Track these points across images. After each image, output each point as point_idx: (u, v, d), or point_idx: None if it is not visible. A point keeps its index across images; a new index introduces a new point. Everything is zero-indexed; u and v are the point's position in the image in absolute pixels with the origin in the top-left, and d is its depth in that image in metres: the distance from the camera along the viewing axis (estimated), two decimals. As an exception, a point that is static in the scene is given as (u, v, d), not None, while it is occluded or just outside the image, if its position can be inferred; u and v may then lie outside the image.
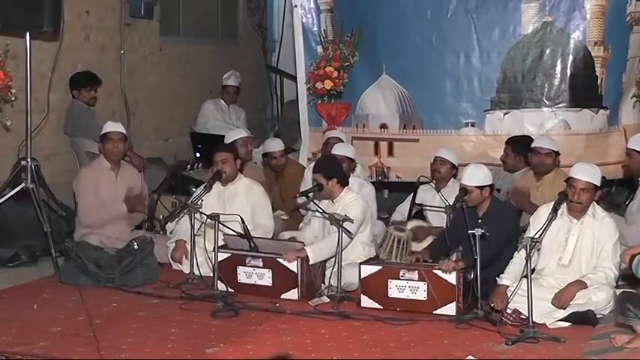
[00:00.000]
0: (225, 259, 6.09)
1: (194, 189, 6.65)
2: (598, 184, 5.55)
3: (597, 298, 5.38)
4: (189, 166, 8.83)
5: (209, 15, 11.14)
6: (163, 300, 5.97)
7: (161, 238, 7.03)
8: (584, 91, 7.74)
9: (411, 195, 7.26)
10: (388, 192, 8.83)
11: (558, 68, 7.75)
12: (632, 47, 7.69)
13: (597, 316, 5.38)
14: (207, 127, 9.46)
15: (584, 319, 5.37)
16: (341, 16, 8.36)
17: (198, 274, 6.24)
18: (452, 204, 6.18)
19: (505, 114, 7.89)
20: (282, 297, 5.98)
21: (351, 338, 5.22)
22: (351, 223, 5.96)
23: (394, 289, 5.74)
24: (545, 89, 7.79)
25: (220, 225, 6.05)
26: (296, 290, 5.97)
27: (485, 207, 5.98)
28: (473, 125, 7.96)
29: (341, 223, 5.87)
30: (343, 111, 8.34)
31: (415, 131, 8.13)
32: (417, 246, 6.57)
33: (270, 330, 5.36)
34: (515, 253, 5.60)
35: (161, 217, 7.45)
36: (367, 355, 4.97)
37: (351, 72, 8.29)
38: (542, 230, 5.29)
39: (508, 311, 5.41)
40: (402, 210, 7.31)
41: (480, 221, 5.81)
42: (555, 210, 5.45)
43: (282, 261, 5.98)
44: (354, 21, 8.24)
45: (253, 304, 5.82)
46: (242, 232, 6.00)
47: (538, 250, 5.46)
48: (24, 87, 6.58)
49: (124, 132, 6.90)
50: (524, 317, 5.30)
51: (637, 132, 6.86)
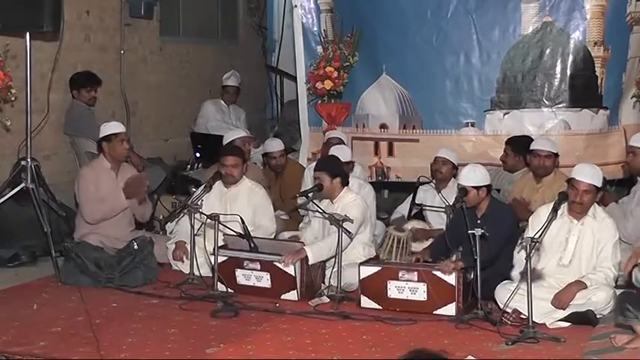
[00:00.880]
0: (223, 261, 6.06)
1: (194, 189, 6.65)
2: (600, 186, 5.56)
3: (597, 298, 5.38)
4: (189, 166, 8.84)
5: (209, 15, 11.14)
6: (163, 300, 5.97)
7: (161, 238, 7.03)
8: (584, 91, 7.74)
9: (411, 195, 7.27)
10: (388, 192, 8.84)
11: (558, 68, 7.75)
12: (632, 47, 7.69)
13: (597, 316, 5.38)
14: (207, 127, 9.46)
15: (584, 319, 5.37)
16: (341, 16, 8.36)
17: (198, 275, 6.24)
18: (452, 204, 6.18)
19: (505, 114, 7.89)
20: (282, 297, 5.98)
21: (351, 338, 5.22)
22: (351, 223, 5.95)
23: (393, 290, 5.73)
24: (545, 89, 7.79)
25: (220, 225, 6.04)
26: (295, 291, 5.96)
27: (483, 207, 5.97)
28: (473, 125, 7.96)
29: (341, 223, 5.86)
30: (343, 111, 8.34)
31: (415, 131, 8.13)
32: (417, 246, 6.58)
33: (270, 330, 5.36)
34: (515, 253, 5.60)
35: (161, 217, 7.46)
36: (367, 355, 4.96)
37: (351, 72, 8.29)
38: (542, 230, 5.29)
39: (508, 311, 5.41)
40: (402, 210, 7.32)
41: (479, 222, 5.80)
42: (555, 210, 5.45)
43: (279, 265, 5.97)
44: (354, 21, 8.24)
45: (253, 304, 5.81)
46: (242, 232, 6.00)
47: (538, 250, 5.46)
48: (24, 87, 6.57)
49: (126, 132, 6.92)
50: (524, 317, 5.30)
51: (637, 132, 6.85)
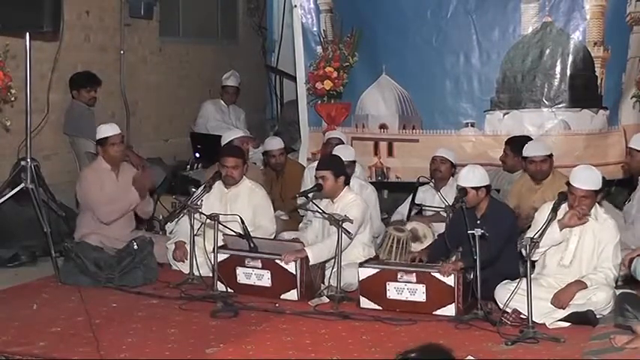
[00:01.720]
0: (224, 259, 6.07)
1: (194, 189, 6.64)
2: (598, 189, 5.53)
3: (597, 299, 5.38)
4: (188, 166, 8.84)
5: (209, 15, 11.14)
6: (163, 300, 5.97)
7: (161, 238, 7.03)
8: (584, 91, 7.74)
9: (411, 195, 7.27)
10: (388, 192, 8.83)
11: (558, 68, 7.74)
12: (632, 47, 7.69)
13: (597, 317, 5.37)
14: (207, 127, 9.46)
15: (584, 320, 5.36)
16: (341, 17, 8.35)
17: (198, 275, 6.23)
18: (451, 204, 6.18)
19: (505, 114, 7.89)
20: (282, 297, 5.98)
21: (350, 338, 5.22)
22: (351, 223, 5.95)
23: (393, 291, 5.73)
24: (545, 89, 7.78)
25: (220, 225, 6.04)
26: (295, 291, 5.96)
27: (483, 208, 5.97)
28: (473, 125, 7.95)
29: (340, 223, 5.86)
30: (343, 111, 8.34)
31: (415, 131, 8.13)
32: (417, 246, 6.58)
33: (270, 330, 5.36)
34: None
35: (161, 217, 7.46)
36: (367, 355, 4.96)
37: (351, 72, 8.28)
38: (541, 230, 5.29)
39: (508, 311, 5.41)
40: (403, 211, 7.32)
41: (479, 222, 5.80)
42: (555, 210, 5.45)
43: (280, 262, 5.97)
44: (354, 21, 8.23)
45: (253, 304, 5.81)
46: (242, 232, 6.00)
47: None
48: (24, 87, 6.57)
49: (121, 132, 6.90)
50: (524, 317, 5.29)
51: (637, 132, 6.85)
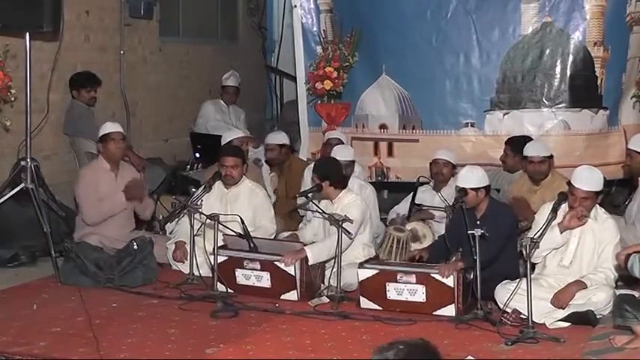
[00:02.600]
0: (223, 261, 6.05)
1: (194, 189, 6.64)
2: (599, 190, 5.52)
3: (597, 299, 5.38)
4: (188, 166, 8.83)
5: (209, 15, 11.14)
6: (163, 300, 5.97)
7: (161, 238, 7.02)
8: (584, 91, 7.73)
9: (410, 195, 7.26)
10: (388, 192, 8.83)
11: (558, 69, 7.74)
12: (632, 47, 7.68)
13: (597, 317, 5.37)
14: (207, 127, 9.46)
15: (584, 320, 5.36)
16: (341, 17, 8.35)
17: (198, 275, 6.23)
18: (451, 205, 6.17)
19: (505, 114, 7.89)
20: (282, 297, 5.97)
21: (350, 338, 5.22)
22: (351, 223, 5.94)
23: (392, 292, 5.72)
24: (545, 89, 7.78)
25: (220, 225, 6.04)
26: (295, 291, 5.96)
27: (483, 208, 5.97)
28: (472, 125, 7.95)
29: (341, 223, 5.86)
30: (343, 111, 8.33)
31: (415, 131, 8.13)
32: (416, 246, 6.58)
33: (270, 330, 5.36)
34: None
35: (161, 217, 7.45)
36: (367, 355, 4.93)
37: (351, 72, 8.28)
38: (541, 230, 5.29)
39: (508, 311, 5.41)
40: (399, 210, 7.31)
41: (479, 222, 5.80)
42: (555, 210, 5.45)
43: (279, 264, 5.97)
44: (354, 21, 8.23)
45: (253, 304, 5.81)
46: (242, 232, 6.00)
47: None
48: (24, 87, 6.57)
49: (123, 132, 6.91)
50: (523, 317, 5.30)
51: (637, 132, 6.85)
